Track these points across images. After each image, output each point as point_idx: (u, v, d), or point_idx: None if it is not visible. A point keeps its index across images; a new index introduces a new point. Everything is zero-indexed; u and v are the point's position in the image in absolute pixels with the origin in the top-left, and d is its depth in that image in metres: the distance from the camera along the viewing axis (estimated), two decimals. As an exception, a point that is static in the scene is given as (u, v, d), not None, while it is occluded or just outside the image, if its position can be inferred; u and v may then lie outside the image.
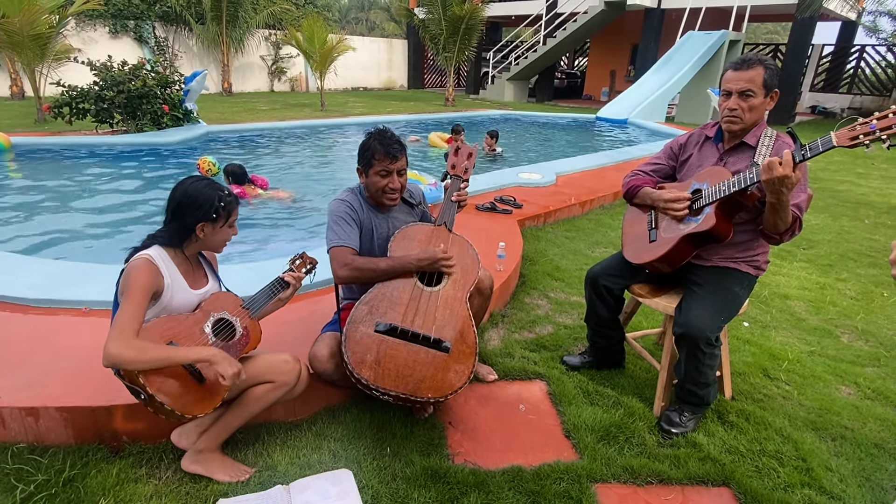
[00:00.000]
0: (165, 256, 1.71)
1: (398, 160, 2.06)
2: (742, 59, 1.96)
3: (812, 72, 16.99)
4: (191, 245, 1.77)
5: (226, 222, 1.76)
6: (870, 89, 16.30)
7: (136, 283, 1.59)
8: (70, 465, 1.79)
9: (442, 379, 1.85)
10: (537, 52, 16.46)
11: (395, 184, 2.09)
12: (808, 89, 17.05)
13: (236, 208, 1.79)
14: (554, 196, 5.14)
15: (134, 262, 1.63)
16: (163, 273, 1.66)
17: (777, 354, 2.73)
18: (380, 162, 2.04)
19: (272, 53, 18.26)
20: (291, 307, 2.61)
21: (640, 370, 2.55)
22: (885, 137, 1.54)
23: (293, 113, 11.96)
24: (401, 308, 1.96)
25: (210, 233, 1.75)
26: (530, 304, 3.19)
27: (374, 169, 2.06)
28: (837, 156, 8.98)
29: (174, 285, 1.70)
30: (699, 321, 1.95)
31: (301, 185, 6.09)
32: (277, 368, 1.82)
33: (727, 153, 2.08)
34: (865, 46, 15.99)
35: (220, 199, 1.73)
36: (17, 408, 1.84)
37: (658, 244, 2.11)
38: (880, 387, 2.48)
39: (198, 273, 1.83)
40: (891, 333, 3.03)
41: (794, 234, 1.92)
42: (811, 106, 16.80)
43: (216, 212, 1.72)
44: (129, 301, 1.56)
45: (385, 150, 2.03)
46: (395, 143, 2.05)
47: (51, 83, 8.60)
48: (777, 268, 3.97)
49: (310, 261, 2.11)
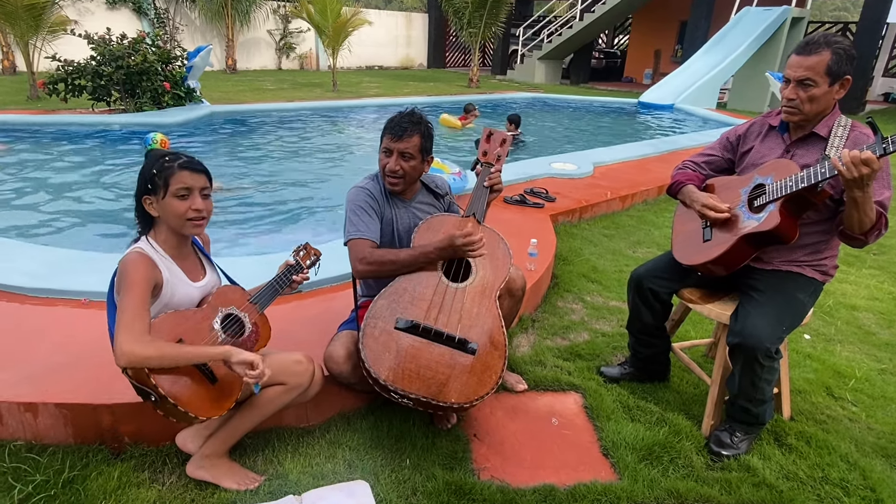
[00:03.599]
0: (157, 247, 1.72)
1: (401, 140, 2.04)
2: (806, 41, 1.93)
3: (886, 54, 16.56)
4: (159, 228, 1.74)
5: (167, 192, 1.65)
6: (953, 75, 15.83)
7: (134, 277, 1.61)
8: (70, 465, 1.85)
9: (467, 383, 1.86)
10: (573, 29, 16.35)
11: (394, 165, 2.07)
12: (881, 74, 16.62)
13: (180, 174, 1.65)
14: (590, 189, 5.11)
15: (126, 257, 1.66)
16: (159, 266, 1.68)
17: (843, 372, 2.69)
18: (385, 138, 2.08)
19: (280, 28, 18.43)
20: (305, 304, 2.66)
21: (688, 384, 2.54)
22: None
23: (302, 93, 12.09)
24: (424, 304, 1.98)
25: (158, 207, 1.68)
26: (564, 309, 3.19)
27: (381, 146, 2.10)
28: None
29: (173, 279, 1.72)
30: (758, 330, 1.93)
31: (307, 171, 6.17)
32: (290, 369, 1.86)
33: (794, 144, 2.05)
34: (949, 26, 15.51)
35: (156, 167, 1.65)
36: (16, 403, 1.91)
37: (713, 244, 2.09)
38: (962, 411, 2.42)
39: (195, 264, 1.85)
40: (975, 352, 2.96)
41: (880, 234, 1.89)
42: (884, 93, 16.39)
43: (151, 181, 1.65)
44: (130, 296, 1.58)
45: (391, 127, 2.06)
46: (404, 121, 2.06)
47: (45, 57, 8.84)
48: (844, 275, 3.90)
49: (314, 252, 2.11)
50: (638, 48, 20.04)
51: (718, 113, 11.09)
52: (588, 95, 13.75)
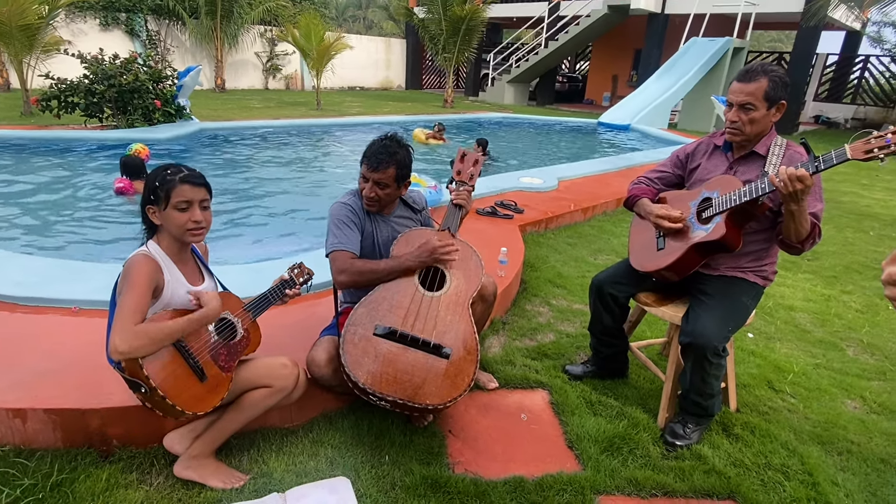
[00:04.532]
0: (160, 251, 1.71)
1: (377, 171, 2.05)
2: (746, 69, 1.99)
3: (816, 81, 17.19)
4: (162, 235, 1.73)
5: (168, 204, 1.64)
6: (874, 100, 16.50)
7: (137, 277, 1.59)
8: (58, 469, 1.77)
9: (441, 386, 1.85)
10: (538, 55, 16.57)
11: (369, 192, 2.09)
12: (811, 99, 17.24)
13: (181, 188, 1.64)
14: (555, 202, 5.16)
15: (131, 259, 1.64)
16: (162, 268, 1.67)
17: (782, 367, 2.75)
18: (363, 166, 2.08)
19: (267, 50, 18.27)
20: (289, 310, 2.61)
21: (644, 380, 2.56)
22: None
23: (288, 111, 11.96)
24: (401, 312, 1.96)
25: (160, 217, 1.68)
26: (532, 312, 3.20)
27: (361, 171, 2.10)
28: (841, 167, 9.06)
29: (173, 281, 1.70)
30: (707, 330, 1.97)
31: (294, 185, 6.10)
32: (275, 372, 1.83)
33: (737, 162, 2.11)
34: (870, 57, 16.21)
35: (158, 179, 1.65)
36: (4, 409, 1.82)
37: (666, 252, 2.12)
38: (886, 401, 2.50)
39: (193, 270, 1.83)
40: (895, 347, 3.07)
41: (814, 242, 1.94)
42: (815, 115, 16.99)
43: (153, 192, 1.65)
44: (130, 293, 1.56)
45: (369, 156, 2.06)
46: (381, 153, 2.05)
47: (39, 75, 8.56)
48: (782, 279, 4.01)
49: (307, 271, 2.12)
50: (597, 73, 20.42)
51: (670, 132, 11.33)
52: (553, 116, 13.92)
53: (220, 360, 1.70)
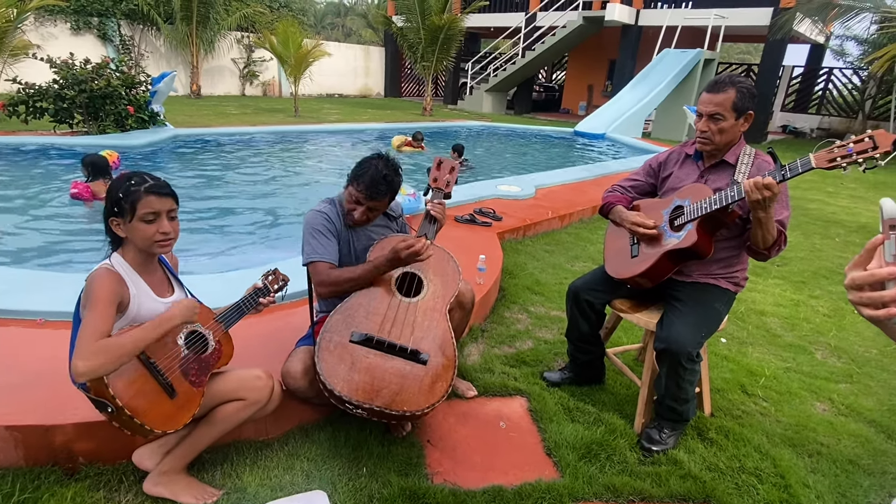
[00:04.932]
0: (125, 263, 1.64)
1: (373, 199, 2.05)
2: (715, 80, 2.04)
3: (783, 92, 17.76)
4: (127, 247, 1.66)
5: (134, 216, 1.57)
6: (837, 111, 17.11)
7: (98, 293, 1.52)
8: (20, 488, 1.70)
9: (419, 392, 1.84)
10: (516, 65, 16.75)
11: (361, 216, 2.09)
12: (779, 109, 17.80)
13: (147, 199, 1.57)
14: (533, 209, 5.20)
15: (94, 273, 1.57)
16: (126, 282, 1.60)
17: (754, 371, 2.80)
18: (358, 190, 2.05)
19: (244, 56, 18.08)
20: (263, 320, 2.56)
21: (621, 386, 2.58)
22: (861, 161, 1.62)
23: (265, 118, 11.84)
24: (378, 318, 1.95)
25: (126, 229, 1.60)
26: (510, 319, 3.21)
27: (351, 191, 2.07)
28: (808, 175, 9.35)
29: (140, 295, 1.64)
30: (681, 337, 2.00)
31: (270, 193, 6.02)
32: (249, 385, 1.78)
33: (707, 171, 2.15)
34: (833, 69, 16.82)
35: (122, 190, 1.57)
36: (-37, 427, 1.74)
37: (640, 259, 2.15)
38: (853, 403, 2.57)
39: (162, 281, 1.77)
40: (861, 350, 3.16)
41: (780, 249, 1.99)
42: (782, 125, 17.54)
43: (117, 205, 1.57)
44: (93, 310, 1.50)
45: (369, 186, 2.03)
46: (382, 186, 2.04)
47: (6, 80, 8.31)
48: (753, 284, 4.10)
49: (283, 277, 2.08)
50: (573, 83, 20.73)
51: (644, 141, 11.55)
52: (530, 124, 14.07)
53: (190, 375, 1.65)
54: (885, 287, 0.78)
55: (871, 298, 0.79)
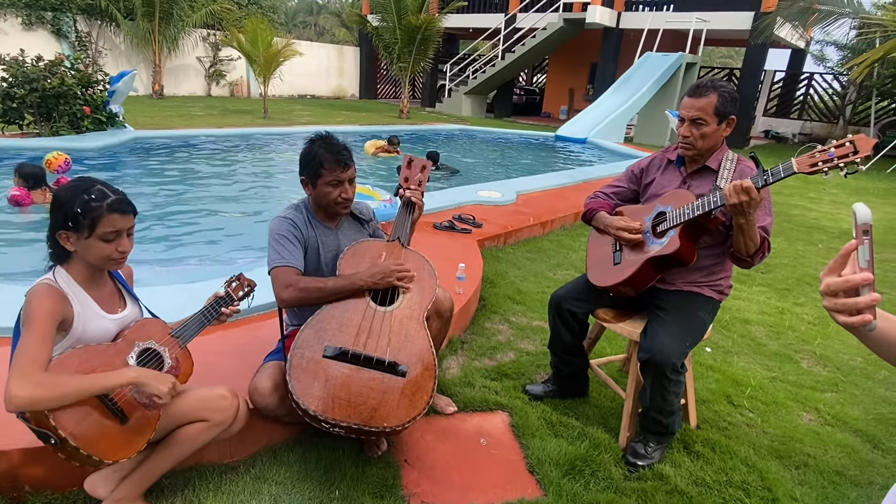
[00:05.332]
0: (69, 278, 1.58)
1: (349, 168, 2.06)
2: (696, 85, 2.08)
3: (765, 97, 18.30)
4: (75, 261, 1.59)
5: (92, 233, 1.50)
6: (819, 116, 17.70)
7: (37, 311, 1.46)
8: (-43, 522, 1.62)
9: (398, 405, 1.82)
10: (495, 67, 16.91)
11: (347, 193, 2.08)
12: (761, 114, 18.33)
13: (109, 217, 1.51)
14: (514, 215, 5.23)
15: (33, 289, 1.51)
16: (69, 298, 1.54)
17: (740, 381, 2.85)
18: (330, 171, 2.02)
19: (210, 55, 17.87)
20: (229, 334, 2.51)
21: (605, 398, 2.60)
22: (842, 165, 1.66)
23: (232, 120, 11.70)
24: (352, 330, 1.92)
25: (77, 245, 1.52)
26: (491, 330, 3.20)
27: (325, 179, 2.04)
28: (790, 180, 9.63)
29: (85, 312, 1.58)
30: (665, 347, 2.02)
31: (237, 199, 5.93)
32: (212, 405, 1.73)
33: (690, 176, 2.19)
34: (814, 74, 17.41)
35: (79, 205, 1.48)
36: None
37: (622, 267, 2.17)
38: (839, 412, 2.63)
39: (112, 295, 1.71)
40: (846, 358, 3.24)
41: (764, 256, 2.03)
42: (765, 130, 18.07)
43: (73, 220, 1.49)
44: (31, 332, 1.44)
45: (335, 159, 2.02)
46: (343, 150, 2.05)
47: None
48: (737, 292, 4.18)
49: (248, 283, 2.03)
50: (554, 86, 21.02)
51: (626, 146, 11.76)
52: (510, 128, 14.20)
53: (144, 397, 1.59)
54: (859, 293, 0.79)
55: (844, 305, 0.81)
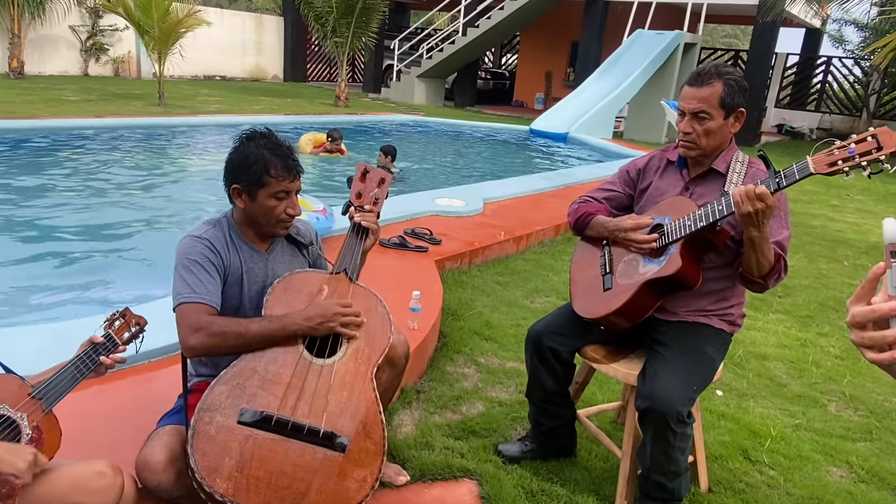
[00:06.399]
0: None
1: (298, 178, 2.05)
2: (698, 72, 2.17)
3: (777, 85, 19.27)
4: None
5: None
6: (839, 108, 18.76)
7: None
8: None
9: (335, 490, 1.79)
10: (455, 45, 17.21)
11: (295, 208, 2.06)
12: (773, 105, 19.26)
13: None
14: (481, 229, 5.29)
15: None
16: None
17: (758, 431, 2.94)
18: (277, 180, 1.98)
19: (88, 24, 17.45)
20: (112, 387, 2.43)
21: (597, 458, 2.63)
22: (865, 164, 1.76)
23: (117, 107, 11.44)
24: (279, 389, 1.87)
25: None
26: (454, 374, 3.20)
27: (270, 190, 1.99)
28: (809, 185, 10.12)
29: None
30: (667, 392, 2.06)
31: (123, 212, 5.77)
32: (87, 486, 1.65)
33: (693, 182, 2.27)
34: (832, 58, 18.50)
35: None
36: None
37: (614, 293, 2.22)
38: (874, 466, 2.75)
39: None
40: (881, 399, 3.40)
41: (780, 277, 2.10)
42: (778, 124, 18.94)
43: None
44: None
45: (284, 164, 1.99)
46: (290, 155, 2.03)
47: None
48: (751, 321, 4.34)
49: (136, 322, 1.95)
50: (528, 69, 21.52)
51: (615, 143, 12.13)
52: (475, 120, 14.43)
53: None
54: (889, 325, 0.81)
55: (872, 339, 0.81)
